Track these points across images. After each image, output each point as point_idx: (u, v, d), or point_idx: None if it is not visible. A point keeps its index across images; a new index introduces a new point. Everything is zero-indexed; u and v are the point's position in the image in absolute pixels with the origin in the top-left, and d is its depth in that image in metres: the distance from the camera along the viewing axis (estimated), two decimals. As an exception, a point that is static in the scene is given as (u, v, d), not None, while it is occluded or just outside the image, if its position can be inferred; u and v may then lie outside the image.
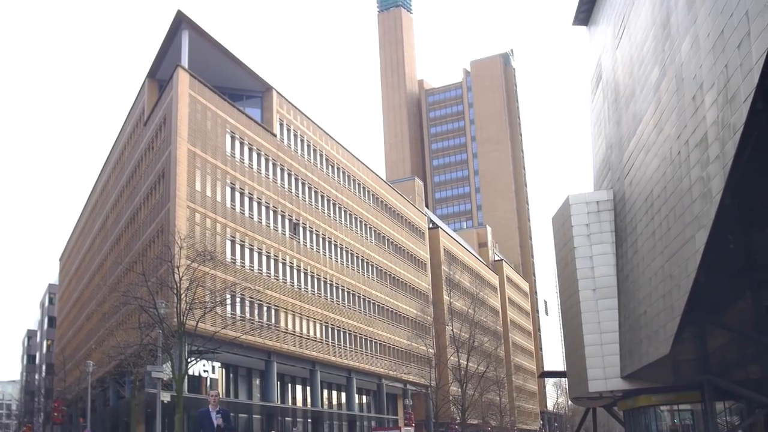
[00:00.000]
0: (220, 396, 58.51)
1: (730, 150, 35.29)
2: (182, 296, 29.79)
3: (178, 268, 30.43)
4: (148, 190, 63.14)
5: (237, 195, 61.88)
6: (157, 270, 41.43)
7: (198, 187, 57.63)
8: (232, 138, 62.57)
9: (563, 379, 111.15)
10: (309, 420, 68.85)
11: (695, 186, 39.94)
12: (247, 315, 58.61)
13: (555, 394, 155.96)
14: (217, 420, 13.63)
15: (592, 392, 57.54)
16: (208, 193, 58.69)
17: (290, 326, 65.67)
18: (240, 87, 68.31)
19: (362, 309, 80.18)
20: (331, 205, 77.11)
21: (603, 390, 56.82)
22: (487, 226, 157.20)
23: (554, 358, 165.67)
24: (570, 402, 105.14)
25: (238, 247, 60.59)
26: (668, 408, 54.62)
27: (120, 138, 78.25)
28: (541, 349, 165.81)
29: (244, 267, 60.07)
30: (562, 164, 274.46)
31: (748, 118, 33.41)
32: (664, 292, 44.35)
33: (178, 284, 29.84)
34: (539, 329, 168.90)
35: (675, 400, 53.44)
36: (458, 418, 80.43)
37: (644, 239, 49.59)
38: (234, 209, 61.09)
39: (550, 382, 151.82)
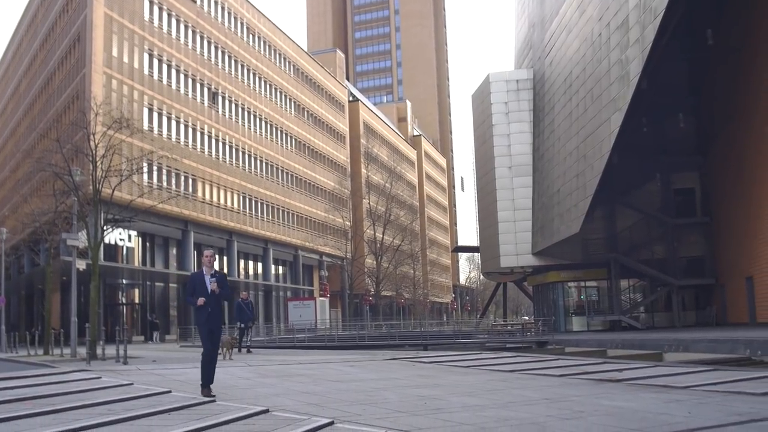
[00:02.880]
0: (138, 264, 58.48)
1: (649, 34, 35.75)
2: (98, 164, 29.26)
3: (93, 135, 29.80)
4: (62, 55, 61.31)
5: (155, 62, 60.50)
6: (72, 137, 40.61)
7: (115, 53, 56.16)
8: (151, 3, 60.73)
9: (476, 254, 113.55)
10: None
11: (614, 68, 40.48)
12: (164, 184, 58.13)
13: (468, 269, 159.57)
14: (211, 284, 12.00)
15: (503, 267, 59.20)
16: (125, 59, 57.27)
17: (207, 196, 65.44)
18: (158, -51, 65.98)
19: (280, 180, 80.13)
20: (251, 75, 76.00)
21: (514, 265, 58.48)
22: (407, 101, 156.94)
23: (468, 233, 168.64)
24: (482, 276, 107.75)
25: (155, 115, 59.61)
26: (576, 284, 56.50)
27: (32, -1, 75.37)
28: (455, 224, 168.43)
29: (161, 135, 59.22)
30: (484, 42, 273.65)
31: (670, 3, 33.77)
32: (578, 172, 45.33)
33: (94, 151, 29.26)
34: (455, 205, 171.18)
35: (582, 276, 55.28)
36: (372, 290, 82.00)
37: (561, 119, 50.33)
38: (152, 76, 59.83)
39: (463, 256, 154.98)
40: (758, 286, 41.79)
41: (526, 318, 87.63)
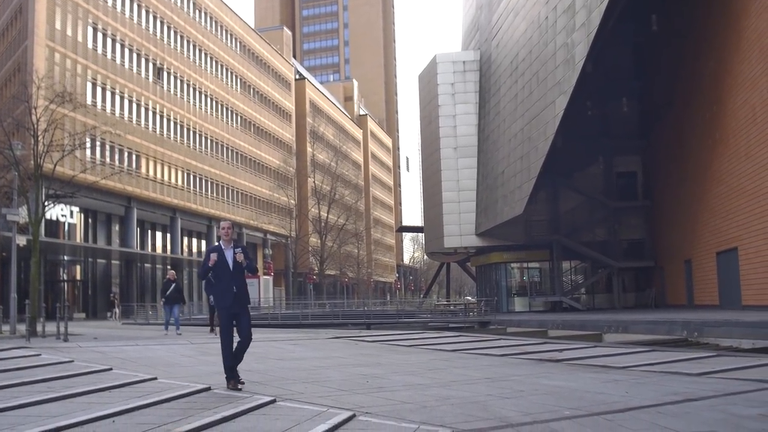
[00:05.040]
0: (79, 240, 57.70)
1: (595, 18, 36.12)
2: (39, 138, 28.75)
3: (35, 108, 29.27)
4: (4, 26, 60.07)
5: (99, 36, 59.55)
6: (13, 110, 39.84)
7: (58, 26, 55.17)
8: (94, -25, 59.78)
9: (420, 234, 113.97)
10: (168, 267, 68.82)
11: (559, 52, 40.80)
12: (107, 160, 57.48)
13: (412, 249, 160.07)
14: (237, 255, 10.27)
15: (447, 248, 59.52)
16: (69, 32, 56.30)
17: (151, 172, 64.77)
18: None
19: (225, 158, 79.57)
20: (197, 51, 75.20)
21: (458, 246, 58.84)
22: (354, 80, 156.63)
23: (413, 213, 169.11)
24: (426, 256, 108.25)
25: (99, 90, 58.77)
26: (518, 265, 57.02)
27: (-29, -33, 73.59)
28: (400, 204, 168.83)
29: (105, 110, 58.46)
30: (432, 22, 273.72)
31: (615, -12, 34.08)
32: (522, 154, 45.67)
33: (35, 125, 28.73)
34: (400, 185, 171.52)
35: (525, 258, 55.82)
36: (316, 269, 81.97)
37: (507, 101, 50.62)
38: (96, 51, 58.91)
39: (407, 236, 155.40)
40: (696, 269, 42.56)
41: (469, 298, 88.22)
